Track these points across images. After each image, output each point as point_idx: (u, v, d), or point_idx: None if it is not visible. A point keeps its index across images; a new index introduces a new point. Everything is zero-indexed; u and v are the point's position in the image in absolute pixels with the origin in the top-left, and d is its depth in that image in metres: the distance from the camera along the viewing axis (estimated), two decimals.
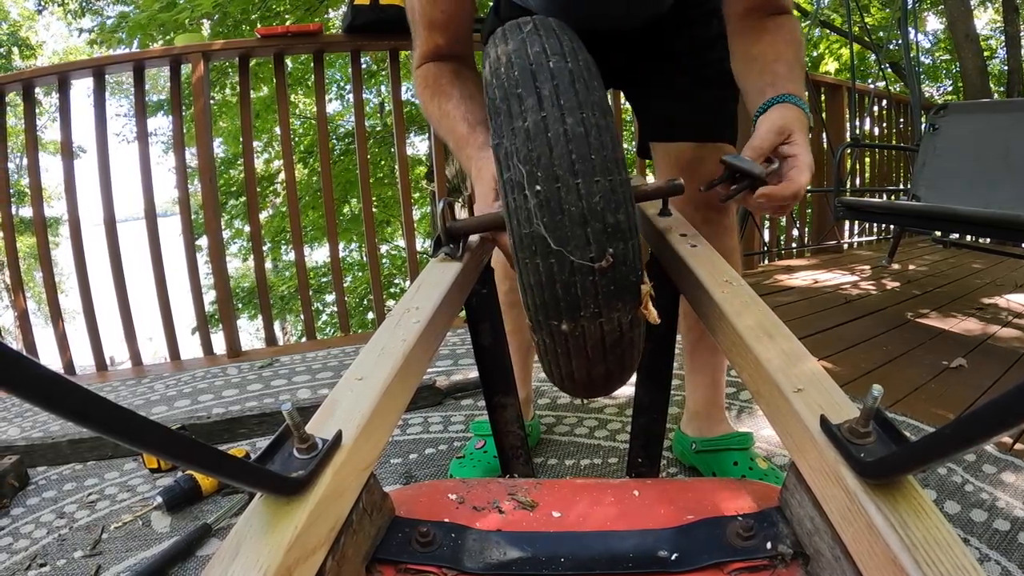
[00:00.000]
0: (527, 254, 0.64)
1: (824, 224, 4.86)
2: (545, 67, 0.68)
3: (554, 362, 0.69)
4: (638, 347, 0.70)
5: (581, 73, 0.68)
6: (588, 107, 0.65)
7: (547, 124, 0.64)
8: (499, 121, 0.68)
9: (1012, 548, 1.26)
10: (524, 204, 0.63)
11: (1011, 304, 3.28)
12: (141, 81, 2.77)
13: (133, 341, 2.80)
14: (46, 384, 0.25)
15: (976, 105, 3.69)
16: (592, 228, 0.61)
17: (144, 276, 2.81)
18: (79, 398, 0.27)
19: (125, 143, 11.07)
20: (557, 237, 0.62)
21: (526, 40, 0.72)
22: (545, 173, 0.62)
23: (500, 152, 0.67)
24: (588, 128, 0.64)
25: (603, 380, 0.71)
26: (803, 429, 0.49)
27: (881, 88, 5.28)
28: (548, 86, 0.66)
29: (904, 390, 2.05)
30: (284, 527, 0.42)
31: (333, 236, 3.19)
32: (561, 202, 0.62)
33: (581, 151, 0.62)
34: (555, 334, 0.66)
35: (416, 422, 1.91)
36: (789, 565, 0.50)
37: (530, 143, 0.64)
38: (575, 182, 0.62)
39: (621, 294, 0.63)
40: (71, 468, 1.72)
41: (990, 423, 0.31)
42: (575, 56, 0.70)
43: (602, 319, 0.64)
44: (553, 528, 0.56)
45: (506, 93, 0.68)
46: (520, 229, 0.64)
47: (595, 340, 0.65)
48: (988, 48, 10.63)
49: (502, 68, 0.71)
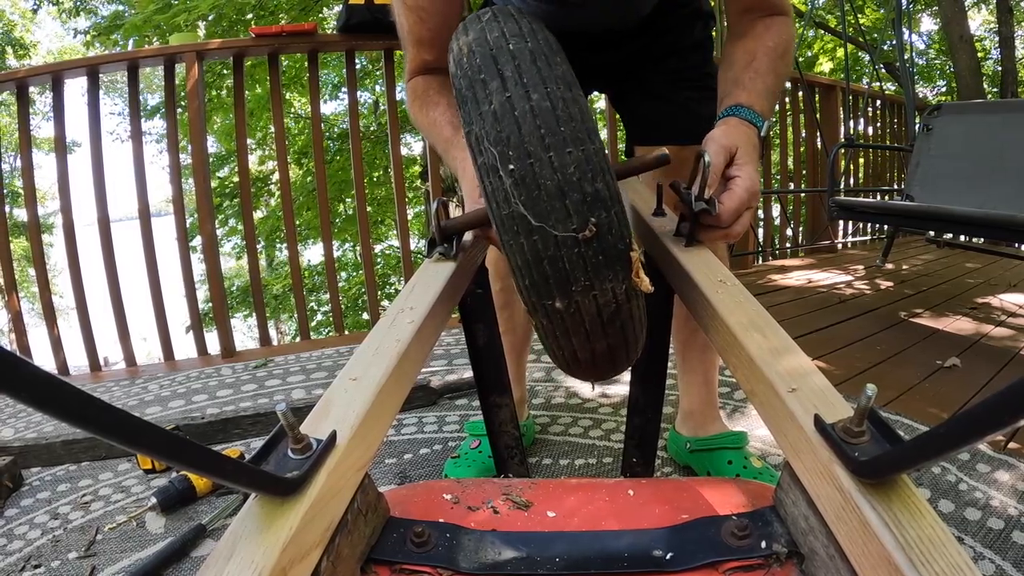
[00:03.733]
0: (510, 235, 0.64)
1: (818, 224, 4.87)
2: (505, 49, 0.68)
3: (555, 344, 0.69)
4: (639, 320, 0.69)
5: (541, 50, 0.69)
6: (552, 81, 0.65)
7: (513, 103, 0.64)
8: (467, 109, 0.68)
9: (1006, 547, 1.27)
10: (500, 185, 0.63)
11: (1004, 304, 3.29)
12: (135, 80, 2.76)
13: (127, 341, 2.79)
14: (42, 386, 0.25)
15: (969, 106, 3.70)
16: (570, 199, 0.61)
17: (138, 276, 2.80)
18: (75, 400, 0.27)
19: (119, 142, 11.04)
20: (537, 213, 0.62)
21: (485, 28, 0.72)
22: (517, 151, 0.62)
23: (471, 138, 0.67)
24: (554, 102, 0.64)
25: (608, 358, 0.70)
26: (797, 428, 0.49)
27: (875, 89, 5.30)
28: (510, 67, 0.66)
29: (898, 389, 2.06)
30: (279, 527, 0.42)
31: (327, 236, 3.19)
32: (536, 177, 0.61)
33: (549, 125, 0.62)
34: (551, 313, 0.65)
35: (411, 422, 1.91)
36: (784, 564, 0.50)
37: (498, 124, 0.64)
38: (547, 156, 0.61)
39: (610, 263, 0.63)
40: (65, 469, 1.71)
41: (984, 422, 0.31)
42: (534, 35, 0.70)
43: (595, 291, 0.63)
44: (548, 528, 0.56)
45: (470, 81, 0.69)
46: (500, 211, 0.64)
47: (591, 315, 0.65)
48: (982, 49, 10.68)
49: (464, 58, 0.71)
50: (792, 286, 3.73)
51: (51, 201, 9.83)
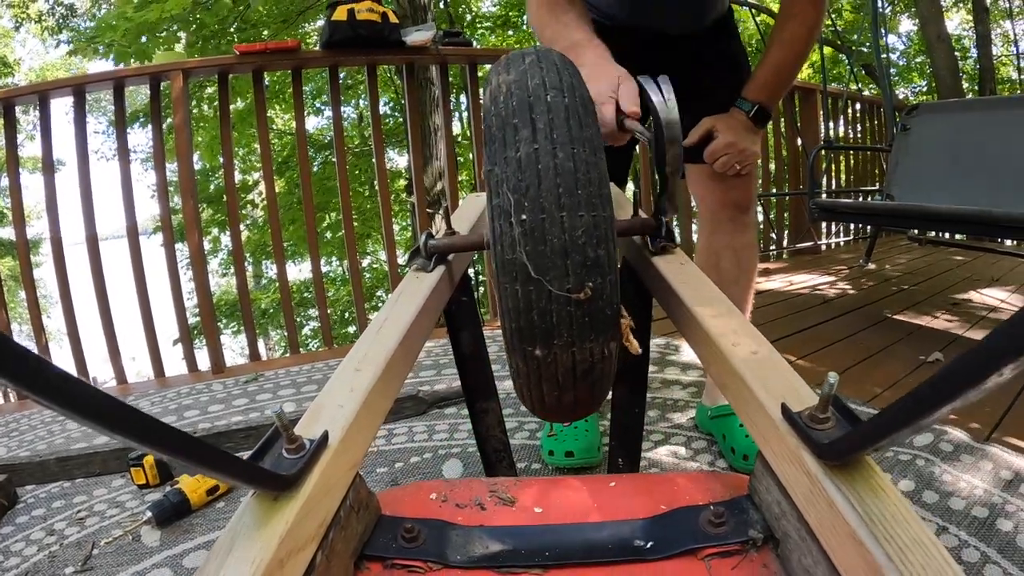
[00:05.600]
0: (508, 279, 0.66)
1: (801, 226, 4.92)
2: (542, 100, 0.68)
3: (525, 385, 0.71)
4: (608, 379, 0.72)
5: (576, 108, 0.69)
6: (580, 143, 0.66)
7: (538, 156, 0.65)
8: (493, 148, 0.69)
9: (991, 534, 1.29)
10: (509, 231, 0.65)
11: (986, 299, 3.34)
12: (121, 99, 2.77)
13: (117, 359, 2.79)
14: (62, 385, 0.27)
15: (947, 104, 3.76)
16: (572, 260, 0.63)
17: (126, 294, 2.80)
18: (94, 400, 0.29)
19: (104, 160, 10.99)
20: (538, 266, 0.63)
21: (527, 71, 0.72)
22: (532, 204, 0.64)
23: (491, 179, 0.68)
24: (578, 163, 0.65)
25: (571, 407, 0.73)
26: (766, 417, 0.52)
27: (854, 90, 5.36)
28: (543, 119, 0.67)
29: (882, 385, 2.09)
30: (276, 522, 0.44)
31: (314, 250, 3.20)
32: (545, 233, 0.63)
33: (568, 185, 0.64)
34: (528, 359, 0.67)
35: (401, 432, 1.92)
36: (760, 549, 0.52)
37: (520, 173, 0.65)
38: (560, 215, 0.63)
39: (596, 326, 0.65)
40: (59, 486, 1.71)
41: (930, 400, 0.34)
42: (572, 92, 0.71)
43: (575, 348, 0.65)
44: (533, 522, 0.58)
45: (503, 122, 0.69)
46: (503, 254, 0.66)
47: (566, 368, 0.67)
48: (960, 48, 10.81)
49: (501, 97, 0.71)
50: (776, 288, 3.77)
51: (37, 220, 9.78)
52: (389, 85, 8.69)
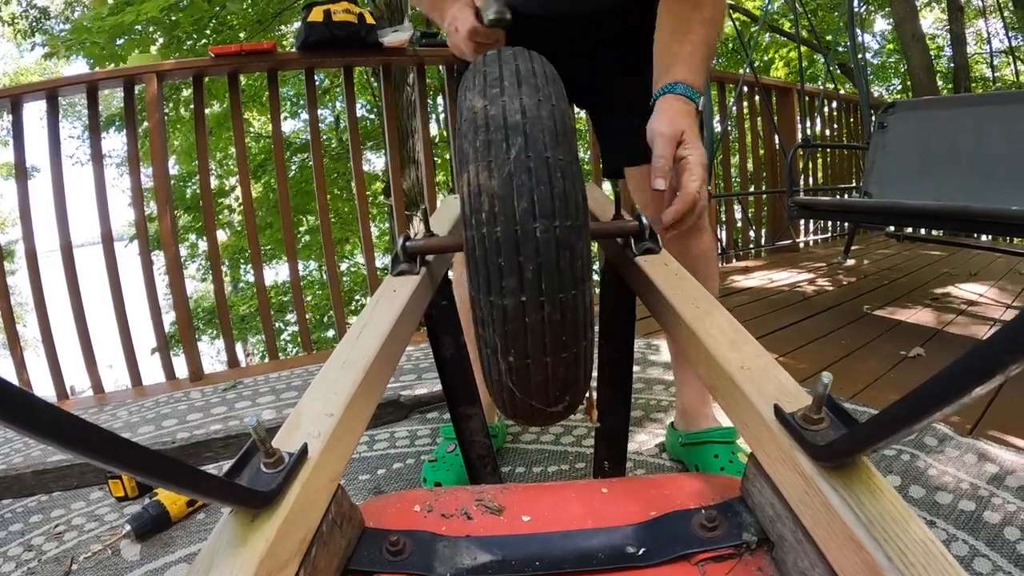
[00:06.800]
0: (495, 391, 0.71)
1: (779, 224, 4.95)
2: (532, 236, 0.61)
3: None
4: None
5: (568, 243, 0.63)
6: (569, 285, 0.63)
7: (525, 311, 0.62)
8: (477, 282, 0.65)
9: (978, 527, 1.29)
10: (496, 365, 0.67)
11: (964, 293, 3.38)
12: (95, 103, 2.73)
13: (94, 368, 2.74)
14: (19, 404, 0.25)
15: (923, 102, 3.79)
16: (552, 387, 0.67)
17: (102, 302, 2.75)
18: (53, 418, 0.27)
19: (79, 165, 10.83)
20: (522, 390, 0.67)
21: (517, 208, 0.62)
22: (519, 351, 0.64)
23: (477, 311, 0.67)
24: (564, 312, 0.63)
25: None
26: (758, 419, 0.51)
27: (830, 89, 5.40)
28: (532, 264, 0.61)
29: (865, 380, 2.10)
30: (255, 540, 0.42)
31: (292, 255, 3.17)
32: (530, 373, 0.65)
33: (555, 334, 0.64)
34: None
35: (382, 437, 1.90)
36: (755, 552, 0.51)
37: (507, 324, 0.63)
38: (545, 359, 0.65)
39: (567, 414, 0.72)
40: (36, 500, 1.67)
41: (931, 400, 0.32)
42: (564, 219, 0.63)
43: (544, 418, 0.72)
44: (522, 531, 0.56)
45: (488, 268, 0.63)
46: (491, 378, 0.70)
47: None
48: (935, 46, 10.95)
49: (485, 228, 0.63)
50: (756, 286, 3.79)
51: (12, 228, 9.61)
52: (366, 88, 8.65)
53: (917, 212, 2.75)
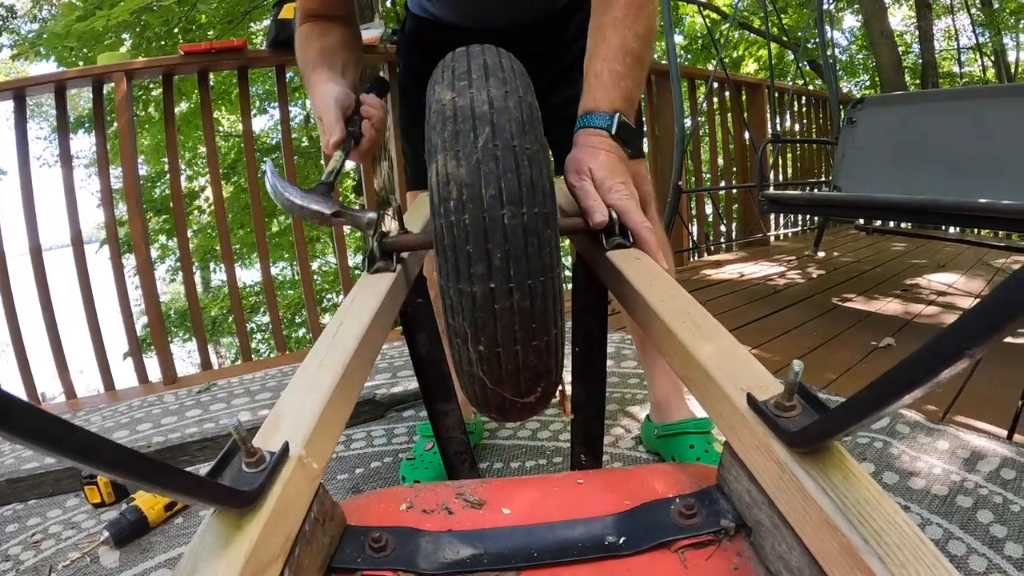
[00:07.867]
0: (466, 381, 0.71)
1: (750, 219, 5.01)
2: (499, 223, 0.62)
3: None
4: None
5: (535, 229, 0.64)
6: (536, 273, 0.63)
7: (495, 297, 0.63)
8: (447, 269, 0.65)
9: (951, 511, 1.32)
10: (467, 354, 0.67)
11: (933, 284, 3.44)
12: (63, 102, 2.68)
13: (66, 373, 2.70)
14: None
15: (891, 98, 3.85)
16: (524, 376, 0.67)
17: (72, 306, 2.71)
18: (31, 418, 0.27)
19: (47, 167, 10.63)
20: (494, 380, 0.67)
21: (483, 196, 0.63)
22: (488, 339, 0.65)
23: (447, 300, 0.67)
24: (534, 299, 0.64)
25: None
26: (732, 408, 0.52)
27: (800, 85, 5.47)
28: (500, 251, 0.62)
29: (837, 371, 2.13)
30: (239, 541, 0.42)
31: (264, 254, 3.15)
32: (501, 362, 0.66)
33: (524, 322, 0.64)
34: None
35: (359, 437, 1.90)
36: (733, 538, 0.52)
37: (476, 312, 0.64)
38: (515, 348, 0.65)
39: (541, 406, 0.73)
40: (12, 509, 1.65)
41: (900, 384, 0.33)
42: (531, 207, 0.64)
43: (519, 407, 0.72)
44: (503, 524, 0.57)
45: (456, 252, 0.64)
46: (461, 367, 0.70)
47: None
48: (903, 43, 11.12)
49: (453, 216, 0.63)
50: (727, 280, 3.83)
51: None
52: None
53: (887, 205, 2.80)
